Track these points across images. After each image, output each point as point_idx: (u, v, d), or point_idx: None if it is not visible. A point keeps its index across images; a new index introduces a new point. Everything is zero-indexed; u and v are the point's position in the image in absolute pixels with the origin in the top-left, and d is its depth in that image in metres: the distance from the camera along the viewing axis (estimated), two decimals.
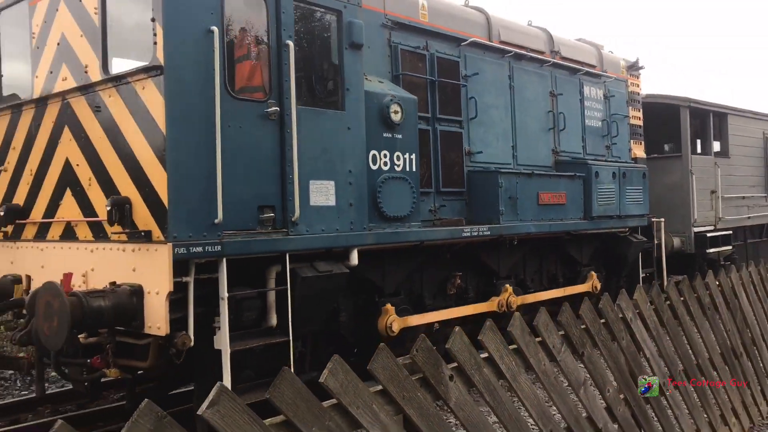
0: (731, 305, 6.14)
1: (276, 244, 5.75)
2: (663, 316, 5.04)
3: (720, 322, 5.90)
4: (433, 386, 2.97)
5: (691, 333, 5.36)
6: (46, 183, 6.32)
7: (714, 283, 5.96)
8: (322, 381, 2.48)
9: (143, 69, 5.27)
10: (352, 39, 6.43)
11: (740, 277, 6.50)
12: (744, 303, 6.42)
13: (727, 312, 6.06)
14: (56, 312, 4.88)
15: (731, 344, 5.99)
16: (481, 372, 3.23)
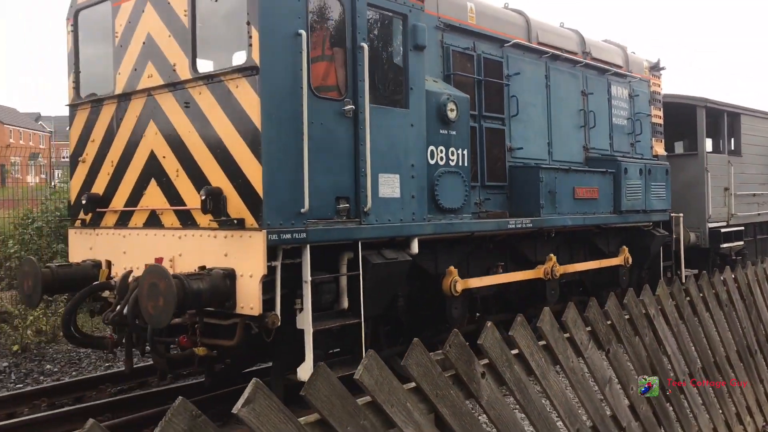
0: (747, 302, 6.12)
1: (351, 233, 6.20)
2: (683, 312, 5.05)
3: (737, 319, 5.86)
4: (466, 384, 2.89)
5: (709, 330, 5.37)
6: (128, 174, 6.73)
7: (731, 280, 5.92)
8: (357, 378, 2.39)
9: (238, 69, 5.69)
10: (416, 41, 6.87)
11: (755, 273, 6.48)
12: (759, 300, 6.41)
13: (744, 309, 6.03)
14: (162, 292, 5.31)
15: (747, 342, 5.96)
16: (512, 369, 3.17)
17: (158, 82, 6.39)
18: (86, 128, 7.25)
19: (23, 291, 6.74)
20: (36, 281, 6.58)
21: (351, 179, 6.27)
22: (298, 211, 5.78)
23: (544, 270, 8.66)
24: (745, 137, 14.06)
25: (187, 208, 6.16)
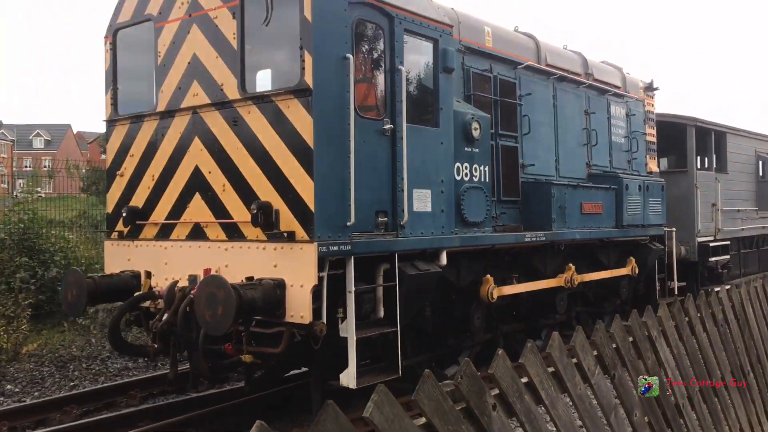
0: (740, 321, 6.16)
1: (390, 245, 6.54)
2: (683, 333, 5.07)
3: (731, 340, 5.88)
4: (477, 417, 2.85)
5: (707, 352, 5.42)
6: (170, 187, 7.00)
7: (726, 298, 5.99)
8: (366, 415, 2.31)
9: (291, 90, 6.01)
10: (446, 64, 7.27)
11: (748, 292, 6.52)
12: (751, 319, 6.45)
13: (737, 328, 6.06)
14: (221, 301, 5.59)
15: (740, 362, 6.00)
16: (522, 400, 3.15)
17: (204, 101, 6.69)
18: (124, 143, 7.50)
19: (67, 300, 6.95)
20: (81, 291, 6.80)
21: (389, 194, 6.62)
22: (345, 225, 6.11)
23: (564, 278, 9.13)
24: (730, 155, 14.71)
25: (234, 221, 6.45)
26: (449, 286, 7.90)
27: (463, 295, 7.94)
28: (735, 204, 14.82)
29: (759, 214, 15.98)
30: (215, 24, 6.62)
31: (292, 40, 6.12)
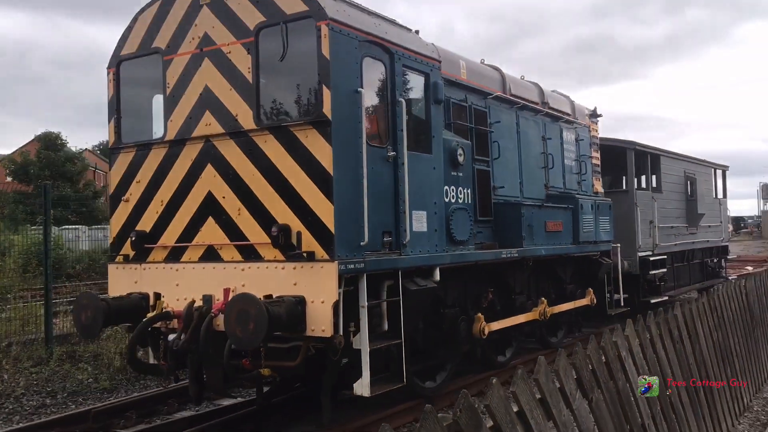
0: (692, 338, 6.41)
1: (395, 263, 7.11)
2: (646, 352, 5.25)
3: (685, 356, 6.10)
4: None
5: (666, 369, 5.58)
6: (181, 212, 7.37)
7: (681, 315, 6.25)
8: None
9: (310, 121, 6.53)
10: (436, 95, 7.94)
11: (697, 309, 6.79)
12: (701, 334, 6.71)
13: (689, 345, 6.29)
14: (253, 317, 6.00)
15: (699, 378, 6.21)
16: (515, 430, 3.26)
17: (218, 130, 7.11)
18: (130, 170, 7.81)
19: (81, 323, 7.18)
20: (97, 313, 7.06)
21: (392, 216, 7.19)
22: (359, 244, 6.65)
23: (539, 312, 10.15)
24: (664, 176, 15.97)
25: (250, 243, 6.88)
26: (438, 301, 8.50)
27: (451, 309, 8.56)
28: (669, 221, 16.05)
29: (689, 230, 17.32)
30: (229, 58, 7.07)
31: (308, 75, 6.65)
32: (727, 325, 7.67)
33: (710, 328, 7.05)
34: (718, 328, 7.31)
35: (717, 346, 7.14)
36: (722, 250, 20.28)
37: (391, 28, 7.58)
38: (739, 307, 8.48)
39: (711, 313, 7.21)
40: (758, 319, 9.42)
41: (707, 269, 19.14)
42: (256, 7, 6.90)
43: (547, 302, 10.27)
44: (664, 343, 5.65)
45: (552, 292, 11.45)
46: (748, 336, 8.66)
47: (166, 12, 7.56)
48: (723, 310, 7.68)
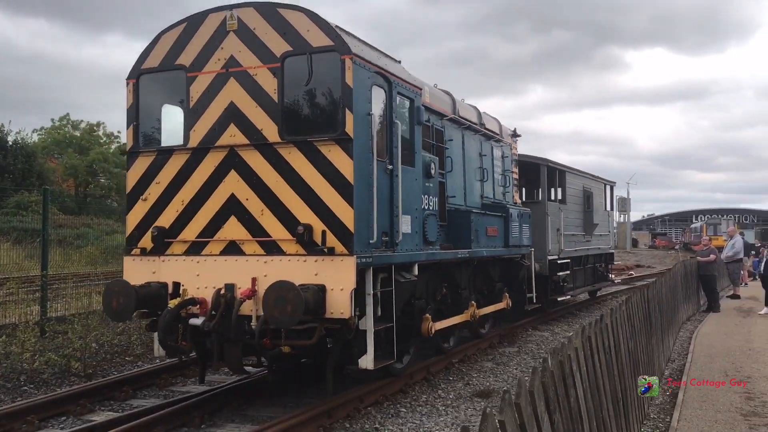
0: (616, 348, 6.59)
1: (391, 258, 8.53)
2: (587, 364, 5.37)
3: (612, 364, 6.29)
4: None
5: (600, 380, 5.75)
6: (203, 211, 8.45)
7: (610, 326, 6.45)
8: None
9: (333, 138, 7.84)
10: (418, 117, 9.45)
11: (618, 316, 7.00)
12: (621, 343, 6.88)
13: (613, 355, 6.44)
14: (290, 301, 7.24)
15: (620, 388, 6.44)
16: None
17: (242, 141, 8.26)
18: (148, 172, 8.78)
19: (111, 308, 8.11)
20: (128, 299, 8.03)
21: (389, 219, 8.61)
22: (368, 242, 8.03)
23: (470, 314, 11.80)
24: (568, 190, 18.26)
25: (273, 239, 8.09)
26: (412, 293, 9.98)
27: (419, 301, 10.05)
28: (571, 229, 18.36)
29: (585, 237, 19.75)
30: (254, 79, 8.25)
31: (331, 98, 7.98)
32: (636, 333, 8.06)
33: (626, 336, 7.40)
34: (632, 337, 7.72)
35: (630, 354, 7.48)
36: (609, 257, 23.02)
37: (388, 60, 9.02)
38: (644, 316, 9.10)
39: (627, 321, 7.60)
40: (656, 327, 10.27)
41: (597, 273, 21.74)
42: (282, 38, 8.13)
43: (476, 305, 11.98)
44: (599, 355, 5.86)
45: (485, 289, 13.23)
46: (648, 343, 9.16)
47: (191, 34, 8.62)
48: (635, 318, 8.19)
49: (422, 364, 10.61)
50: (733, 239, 21.63)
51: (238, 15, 8.37)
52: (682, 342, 13.82)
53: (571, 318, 18.12)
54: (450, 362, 11.35)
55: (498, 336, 13.73)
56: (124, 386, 9.35)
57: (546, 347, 13.23)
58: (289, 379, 9.59)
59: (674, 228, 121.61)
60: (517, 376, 10.65)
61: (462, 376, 10.69)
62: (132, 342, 12.24)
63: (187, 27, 8.69)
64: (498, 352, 12.85)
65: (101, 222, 32.25)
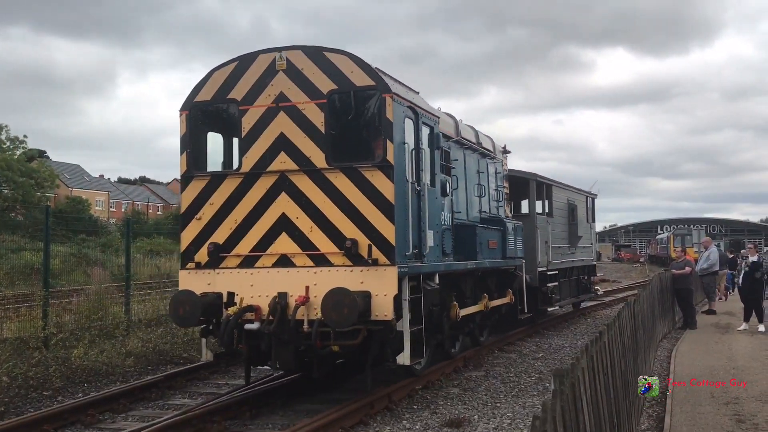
0: (612, 369, 6.91)
1: (420, 269, 10.79)
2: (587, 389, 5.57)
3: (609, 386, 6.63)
4: None
5: (599, 405, 6.02)
6: (255, 228, 10.56)
7: (606, 344, 6.83)
8: None
9: (376, 165, 10.06)
10: (438, 143, 11.75)
11: (612, 334, 7.34)
12: (615, 364, 7.20)
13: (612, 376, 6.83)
14: (347, 305, 9.41)
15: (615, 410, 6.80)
16: None
17: (292, 167, 10.42)
18: (202, 194, 10.87)
19: (178, 315, 10.17)
20: (194, 307, 10.10)
21: (418, 234, 10.87)
22: (405, 254, 10.27)
23: (485, 305, 14.05)
24: (555, 203, 20.80)
25: (321, 253, 10.25)
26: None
27: (436, 307, 12.32)
28: (558, 242, 20.88)
29: (570, 250, 22.32)
30: (303, 113, 10.43)
31: (373, 131, 10.22)
32: (626, 351, 8.39)
33: (619, 355, 7.74)
34: (623, 356, 8.04)
35: (622, 374, 7.75)
36: (592, 269, 25.68)
37: (414, 94, 11.31)
38: (632, 333, 9.46)
39: (619, 338, 7.94)
40: (640, 345, 10.62)
41: (581, 285, 24.33)
42: (328, 77, 10.35)
43: (488, 298, 14.37)
44: (599, 376, 6.21)
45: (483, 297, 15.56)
46: (635, 363, 9.41)
47: (242, 71, 10.77)
48: (624, 335, 8.51)
49: (384, 391, 10.94)
50: (708, 250, 22.65)
51: (287, 56, 10.57)
52: (661, 362, 14.47)
53: (554, 332, 20.08)
54: (413, 389, 11.67)
55: (463, 359, 14.21)
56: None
57: (515, 370, 13.88)
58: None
59: (639, 239, 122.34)
60: (487, 402, 11.19)
61: (427, 404, 11.05)
62: (50, 375, 12.20)
63: (238, 65, 10.84)
64: (464, 376, 13.20)
65: (5, 238, 33.13)
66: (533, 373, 13.63)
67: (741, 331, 18.06)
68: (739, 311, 19.82)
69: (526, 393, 11.83)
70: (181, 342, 15.51)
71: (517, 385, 12.42)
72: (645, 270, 60.52)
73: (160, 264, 33.79)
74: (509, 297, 15.97)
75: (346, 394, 11.01)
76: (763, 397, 10.53)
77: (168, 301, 16.14)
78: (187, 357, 14.90)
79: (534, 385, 12.50)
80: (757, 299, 18.77)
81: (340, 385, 11.87)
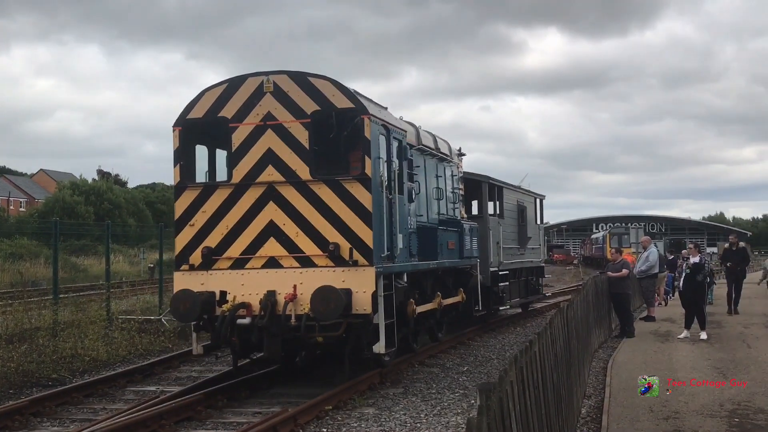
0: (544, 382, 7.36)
1: (392, 269, 13.86)
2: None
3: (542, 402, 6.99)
4: None
5: (530, 423, 6.36)
6: (245, 234, 13.46)
7: (538, 355, 7.21)
8: None
9: (356, 177, 13.07)
10: (405, 155, 14.84)
11: (543, 342, 7.78)
12: (548, 378, 7.68)
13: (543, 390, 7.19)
14: (333, 300, 12.39)
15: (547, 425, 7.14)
16: None
17: (279, 178, 13.34)
18: (195, 203, 13.71)
19: (179, 311, 13.01)
20: (194, 304, 12.94)
21: (389, 237, 13.92)
22: (380, 256, 13.31)
23: (438, 303, 17.16)
24: (505, 204, 24.15)
25: (306, 255, 13.21)
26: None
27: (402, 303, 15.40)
28: (508, 243, 24.24)
29: (519, 251, 25.72)
30: (289, 131, 13.36)
31: (352, 147, 13.23)
32: (558, 362, 8.70)
33: (551, 367, 8.05)
34: (555, 368, 8.35)
35: (555, 388, 8.08)
36: (540, 271, 29.18)
37: (386, 112, 14.38)
38: (564, 342, 9.83)
39: (551, 347, 8.29)
40: (574, 356, 10.96)
41: (530, 286, 27.76)
42: (312, 99, 13.31)
43: (441, 296, 17.57)
44: (529, 391, 6.49)
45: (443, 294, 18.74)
46: (568, 375, 9.78)
47: (232, 92, 13.64)
48: (557, 344, 8.87)
49: (288, 413, 11.45)
50: (647, 251, 23.41)
51: (274, 80, 13.49)
52: (596, 374, 15.08)
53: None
54: (322, 410, 12.08)
55: (378, 375, 14.61)
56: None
57: (437, 386, 14.45)
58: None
59: (572, 239, 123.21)
60: (406, 422, 11.65)
61: (338, 427, 11.43)
62: None
63: (228, 87, 13.71)
64: (380, 394, 13.70)
65: None
66: (457, 389, 14.27)
67: (682, 339, 18.77)
68: (680, 317, 20.68)
69: (450, 411, 12.47)
70: (50, 361, 15.73)
71: (440, 403, 13.07)
72: (579, 272, 61.92)
73: (24, 269, 33.85)
74: (461, 296, 19.18)
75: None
76: (705, 411, 11.17)
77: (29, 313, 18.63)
78: (57, 378, 15.25)
79: (458, 402, 13.14)
80: (698, 304, 19.27)
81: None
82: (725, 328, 21.43)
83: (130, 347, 18.37)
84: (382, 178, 13.55)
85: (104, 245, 23.99)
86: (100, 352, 17.15)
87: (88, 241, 48.44)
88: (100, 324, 19.07)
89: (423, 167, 17.90)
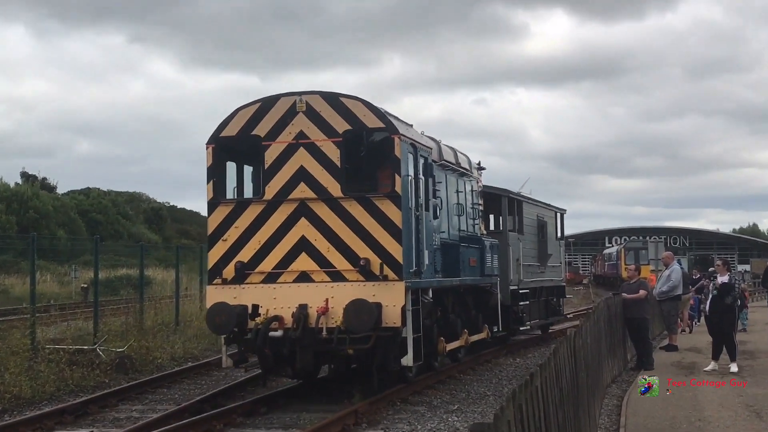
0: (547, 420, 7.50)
1: (419, 284, 16.16)
2: None
3: None
4: None
5: None
6: (278, 249, 15.74)
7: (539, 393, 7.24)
8: None
9: (386, 195, 15.38)
10: (431, 172, 17.17)
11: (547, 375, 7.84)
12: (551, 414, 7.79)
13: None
14: (366, 312, 14.68)
15: None
16: None
17: (311, 195, 15.63)
18: (228, 218, 16.00)
19: (215, 323, 15.30)
20: (230, 316, 15.23)
21: (417, 253, 16.23)
22: (409, 271, 15.61)
23: (465, 340, 19.46)
24: (525, 219, 26.44)
25: (337, 270, 15.50)
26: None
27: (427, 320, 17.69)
28: (528, 260, 26.52)
29: (539, 269, 27.99)
30: (321, 149, 15.67)
31: (383, 165, 15.56)
32: (564, 399, 8.78)
33: (555, 404, 8.13)
34: (560, 405, 8.46)
35: (560, 430, 8.20)
36: (561, 290, 31.40)
37: (412, 129, 16.71)
38: (571, 375, 9.86)
39: (556, 382, 8.35)
40: (582, 391, 10.88)
41: (550, 306, 29.96)
42: (343, 119, 15.63)
43: (467, 333, 19.88)
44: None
45: (464, 315, 21.04)
46: (575, 415, 9.80)
47: (265, 111, 15.96)
48: (562, 377, 8.94)
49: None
50: (668, 269, 23.13)
51: (306, 100, 15.84)
52: (609, 413, 14.58)
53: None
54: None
55: (354, 414, 14.51)
56: None
57: (422, 427, 14.05)
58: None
59: (581, 254, 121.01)
60: None
61: None
62: None
63: (261, 106, 16.05)
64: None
65: None
66: (445, 430, 13.99)
67: (709, 372, 18.15)
68: (707, 347, 20.25)
69: None
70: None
71: None
72: (590, 294, 61.74)
73: None
74: (486, 332, 21.51)
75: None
76: None
77: None
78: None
79: None
80: (727, 331, 18.57)
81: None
82: (759, 359, 20.97)
83: (59, 382, 17.84)
84: (410, 195, 15.86)
85: (29, 261, 23.71)
86: (24, 389, 16.67)
87: (10, 256, 47.14)
88: (23, 355, 18.57)
89: (444, 183, 20.21)
